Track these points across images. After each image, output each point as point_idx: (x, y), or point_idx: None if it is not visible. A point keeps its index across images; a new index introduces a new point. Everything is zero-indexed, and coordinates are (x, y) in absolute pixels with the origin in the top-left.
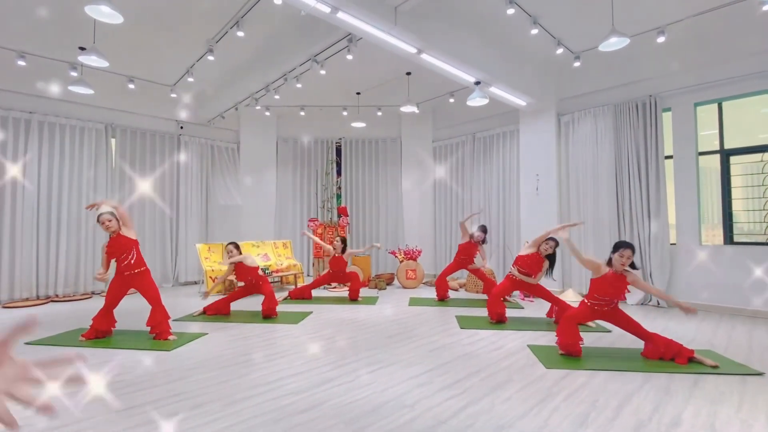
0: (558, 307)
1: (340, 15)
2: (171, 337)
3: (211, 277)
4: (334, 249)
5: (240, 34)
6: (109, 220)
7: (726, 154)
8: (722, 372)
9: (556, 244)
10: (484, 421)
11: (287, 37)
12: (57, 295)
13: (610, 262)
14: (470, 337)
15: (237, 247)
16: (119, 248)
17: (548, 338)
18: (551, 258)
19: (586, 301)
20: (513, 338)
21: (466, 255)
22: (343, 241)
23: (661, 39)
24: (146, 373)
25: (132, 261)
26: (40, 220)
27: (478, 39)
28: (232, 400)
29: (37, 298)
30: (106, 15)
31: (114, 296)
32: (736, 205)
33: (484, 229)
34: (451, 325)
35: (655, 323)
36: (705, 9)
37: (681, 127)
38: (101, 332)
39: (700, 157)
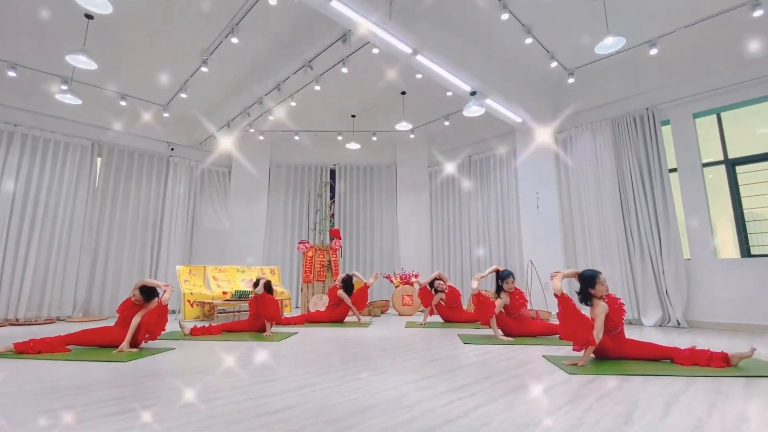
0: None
1: (334, 4)
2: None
3: (189, 301)
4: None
5: (234, 40)
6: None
7: (731, 164)
8: None
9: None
10: (502, 420)
11: (282, 43)
12: (17, 319)
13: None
14: (476, 350)
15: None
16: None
17: (567, 350)
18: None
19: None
20: (526, 351)
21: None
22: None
23: (653, 51)
24: (96, 381)
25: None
26: (9, 237)
27: (474, 47)
28: (185, 403)
29: None
30: (97, 4)
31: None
32: (749, 216)
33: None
34: (453, 341)
35: (678, 342)
36: (697, 19)
37: (681, 138)
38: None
39: (708, 169)
